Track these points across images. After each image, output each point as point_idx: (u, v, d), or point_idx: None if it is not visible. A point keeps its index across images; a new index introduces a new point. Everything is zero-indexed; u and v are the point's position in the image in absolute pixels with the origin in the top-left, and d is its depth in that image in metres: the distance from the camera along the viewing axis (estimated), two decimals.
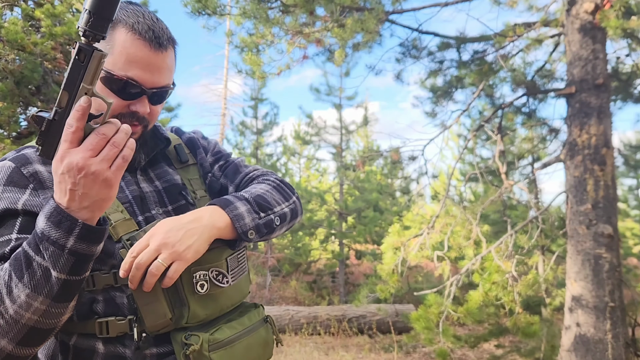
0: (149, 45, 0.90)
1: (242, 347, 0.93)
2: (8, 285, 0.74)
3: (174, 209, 1.01)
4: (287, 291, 9.06)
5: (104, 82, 0.89)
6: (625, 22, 3.39)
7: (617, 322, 3.56)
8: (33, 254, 0.74)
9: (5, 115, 7.10)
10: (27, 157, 0.92)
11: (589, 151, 3.73)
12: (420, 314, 4.05)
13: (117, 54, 0.89)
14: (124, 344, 0.88)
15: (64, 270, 0.74)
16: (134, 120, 0.93)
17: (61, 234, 0.72)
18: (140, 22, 0.90)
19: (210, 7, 3.94)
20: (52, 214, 0.73)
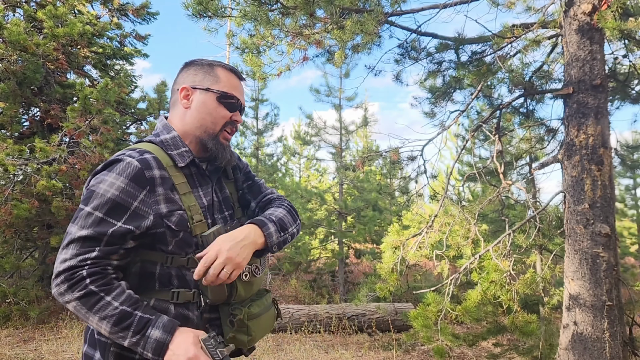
0: (237, 77, 1.42)
1: (264, 319, 1.34)
2: (105, 316, 1.12)
3: (229, 215, 1.40)
4: (287, 290, 9.10)
5: (220, 100, 1.35)
6: (623, 23, 3.42)
7: (615, 320, 3.59)
8: (132, 329, 1.13)
9: (8, 116, 7.14)
10: (148, 162, 1.24)
11: (586, 151, 3.77)
12: (418, 313, 4.08)
13: (224, 82, 1.37)
14: (188, 308, 1.25)
15: (129, 345, 1.14)
16: (233, 127, 1.39)
17: (149, 351, 1.13)
18: (227, 64, 1.41)
19: (211, 9, 3.98)
20: (159, 345, 1.13)
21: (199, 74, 1.37)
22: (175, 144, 1.33)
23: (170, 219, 1.23)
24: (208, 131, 1.35)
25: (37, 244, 7.48)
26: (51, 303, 6.97)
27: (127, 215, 1.18)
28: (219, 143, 1.36)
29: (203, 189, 1.36)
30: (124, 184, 1.18)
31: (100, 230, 1.15)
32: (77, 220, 1.17)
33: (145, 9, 8.76)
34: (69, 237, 1.15)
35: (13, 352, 5.12)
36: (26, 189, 6.26)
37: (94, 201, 1.17)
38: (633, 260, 11.20)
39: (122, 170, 1.20)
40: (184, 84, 1.37)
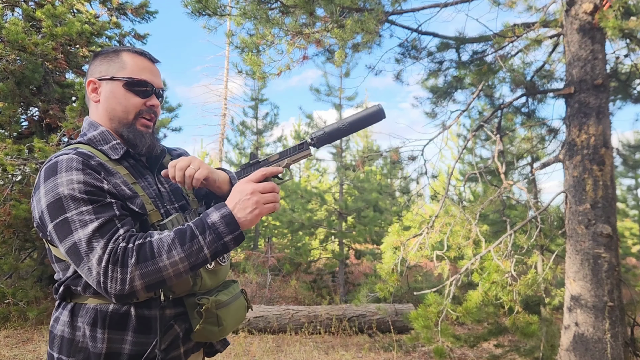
0: (148, 59, 1.32)
1: (234, 308, 1.29)
2: (170, 246, 1.04)
3: (180, 206, 1.33)
4: (287, 290, 9.08)
5: (127, 87, 1.26)
6: (624, 22, 3.40)
7: (616, 321, 3.57)
8: (198, 233, 1.06)
9: (7, 116, 7.11)
10: (86, 153, 1.16)
11: (587, 151, 3.75)
12: (419, 313, 4.06)
13: (130, 66, 1.28)
14: (150, 307, 1.16)
15: (211, 253, 1.07)
16: (150, 113, 1.31)
17: (226, 231, 1.08)
18: (135, 48, 1.31)
19: (210, 7, 3.95)
20: (227, 216, 1.09)
21: (104, 63, 1.28)
22: (105, 139, 1.26)
23: (134, 202, 1.17)
24: (122, 121, 1.27)
25: (36, 245, 7.46)
26: (50, 304, 6.95)
27: (108, 194, 1.11)
28: (136, 131, 1.28)
29: (145, 180, 1.28)
30: (81, 175, 1.10)
31: (106, 213, 1.07)
32: (71, 226, 1.05)
33: (144, 7, 8.74)
34: (83, 240, 1.03)
35: (12, 353, 5.10)
36: (25, 189, 6.24)
37: (69, 202, 1.06)
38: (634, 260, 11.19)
39: (68, 167, 1.10)
40: (91, 76, 1.29)
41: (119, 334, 1.14)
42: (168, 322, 1.18)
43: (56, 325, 1.18)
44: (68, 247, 1.05)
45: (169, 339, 1.18)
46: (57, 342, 1.16)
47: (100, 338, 1.12)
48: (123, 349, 1.14)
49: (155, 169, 1.35)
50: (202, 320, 1.18)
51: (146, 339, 1.15)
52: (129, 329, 1.14)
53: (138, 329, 1.15)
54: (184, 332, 1.21)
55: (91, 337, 1.12)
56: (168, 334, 1.18)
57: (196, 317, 1.19)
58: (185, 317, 1.21)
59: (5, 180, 6.63)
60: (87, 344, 1.13)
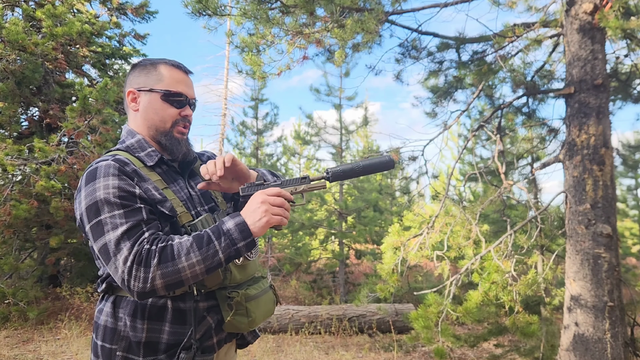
0: (183, 71, 1.42)
1: (263, 301, 1.38)
2: (188, 249, 1.13)
3: (209, 208, 1.43)
4: (288, 290, 9.08)
5: (164, 99, 1.37)
6: (626, 22, 3.40)
7: (616, 321, 3.57)
8: (214, 238, 1.15)
9: (7, 116, 7.11)
10: (123, 160, 1.28)
11: (587, 151, 3.75)
12: (419, 313, 4.06)
13: (167, 79, 1.38)
14: (184, 300, 1.26)
15: (225, 256, 1.15)
16: (185, 122, 1.41)
17: (239, 237, 1.17)
18: (171, 60, 1.42)
19: (210, 7, 3.95)
20: (240, 224, 1.18)
21: (142, 75, 1.39)
22: (141, 146, 1.37)
23: (164, 205, 1.27)
24: (159, 129, 1.38)
25: (36, 245, 7.46)
26: (50, 304, 6.95)
27: (139, 200, 1.22)
28: (173, 138, 1.39)
29: (177, 185, 1.39)
30: (116, 180, 1.21)
31: (135, 217, 1.18)
32: (104, 228, 1.16)
33: (144, 7, 8.74)
34: (113, 242, 1.14)
35: (12, 353, 5.10)
36: (25, 189, 6.24)
37: (104, 206, 1.18)
38: (635, 260, 11.19)
39: (106, 172, 1.22)
40: (130, 87, 1.40)
41: (157, 325, 1.24)
42: (201, 314, 1.28)
43: (100, 315, 1.30)
44: (100, 247, 1.17)
45: (203, 330, 1.28)
46: (101, 330, 1.27)
47: (140, 328, 1.23)
48: (161, 338, 1.24)
49: (186, 174, 1.45)
50: (233, 312, 1.28)
51: (182, 329, 1.26)
52: (166, 320, 1.25)
53: (174, 320, 1.25)
54: (216, 323, 1.31)
55: (132, 327, 1.23)
56: (201, 325, 1.28)
57: (227, 309, 1.29)
58: (217, 309, 1.31)
59: (5, 181, 6.63)
60: (128, 333, 1.23)
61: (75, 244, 7.34)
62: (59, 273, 7.94)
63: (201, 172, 1.32)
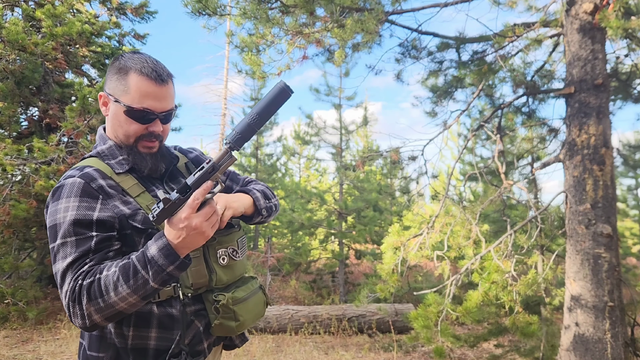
0: (154, 82, 1.25)
1: (251, 303, 1.34)
2: (115, 283, 1.07)
3: None
4: (287, 290, 9.07)
5: (127, 114, 1.25)
6: (626, 22, 3.40)
7: (616, 321, 3.57)
8: (140, 268, 1.08)
9: (6, 115, 7.10)
10: (90, 175, 1.22)
11: (588, 151, 3.74)
12: (419, 313, 4.05)
13: (133, 92, 1.24)
14: (171, 305, 1.23)
15: (158, 283, 1.09)
16: (152, 138, 1.29)
17: (166, 262, 1.08)
18: (145, 66, 1.25)
19: (210, 7, 3.95)
20: (164, 248, 1.08)
21: (114, 79, 1.28)
22: (112, 153, 1.31)
23: (135, 218, 1.22)
24: (123, 142, 1.30)
25: (36, 245, 7.46)
26: (49, 304, 6.94)
27: (94, 226, 1.17)
28: (137, 153, 1.29)
29: (157, 187, 1.33)
30: (77, 202, 1.18)
31: (83, 248, 1.15)
32: (57, 255, 1.15)
33: (144, 7, 8.74)
34: (60, 273, 1.14)
35: (11, 353, 5.10)
36: (24, 189, 6.23)
37: (60, 231, 1.16)
38: (635, 260, 11.18)
39: (69, 192, 1.19)
40: (104, 88, 1.31)
41: (144, 331, 1.21)
42: (189, 318, 1.25)
43: None
44: (54, 273, 1.16)
45: (191, 334, 1.25)
46: (87, 338, 1.26)
47: (126, 335, 1.21)
48: (149, 345, 1.22)
49: (165, 177, 1.38)
50: (220, 316, 1.26)
51: (170, 334, 1.23)
52: (152, 326, 1.22)
53: (161, 326, 1.22)
54: (204, 327, 1.28)
55: (117, 334, 1.21)
56: (190, 329, 1.25)
57: (214, 312, 1.26)
58: (204, 312, 1.28)
59: (4, 180, 6.62)
60: (114, 341, 1.21)
61: None
62: None
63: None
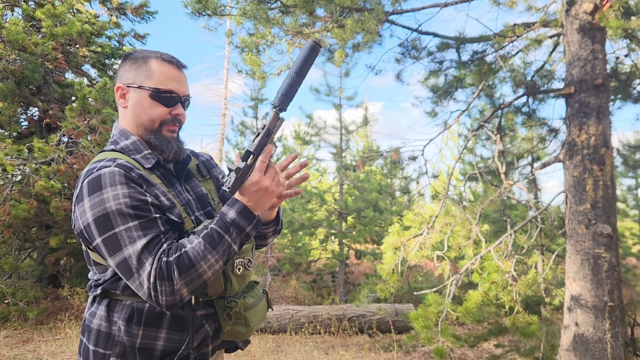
0: (175, 67, 1.33)
1: (259, 309, 1.36)
2: (203, 252, 1.12)
3: (206, 212, 1.38)
4: (287, 290, 9.07)
5: (153, 98, 1.29)
6: (625, 22, 3.40)
7: (616, 321, 3.57)
8: (223, 232, 1.15)
9: (6, 115, 7.11)
10: (126, 165, 1.21)
11: (588, 151, 3.74)
12: (419, 313, 4.06)
13: (157, 75, 1.29)
14: (182, 308, 1.23)
15: (238, 245, 1.19)
16: (175, 122, 1.33)
17: (246, 223, 1.18)
18: (163, 54, 1.33)
19: (210, 7, 3.95)
20: (242, 211, 1.18)
21: (132, 69, 1.31)
22: (137, 148, 1.30)
23: (173, 212, 1.23)
24: (148, 128, 1.31)
25: (36, 245, 7.46)
26: (49, 304, 6.94)
27: (153, 208, 1.18)
28: (162, 137, 1.31)
29: (175, 188, 1.34)
30: (126, 189, 1.15)
31: (153, 229, 1.14)
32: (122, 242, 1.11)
33: (144, 7, 8.74)
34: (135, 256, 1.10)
35: (12, 353, 5.10)
36: (25, 189, 6.24)
37: (117, 218, 1.12)
38: (635, 260, 11.18)
39: (112, 180, 1.15)
40: (120, 82, 1.32)
41: (153, 331, 1.21)
42: (199, 321, 1.26)
43: (92, 319, 1.25)
44: (118, 262, 1.12)
45: (200, 337, 1.26)
46: (94, 335, 1.24)
47: (135, 333, 1.20)
48: (157, 345, 1.22)
49: (182, 177, 1.39)
50: (232, 322, 1.27)
51: (179, 336, 1.23)
52: (163, 326, 1.22)
53: (172, 327, 1.23)
54: (213, 331, 1.29)
55: (126, 332, 1.20)
56: (199, 333, 1.26)
57: (226, 318, 1.27)
58: (215, 317, 1.29)
59: (5, 180, 6.62)
60: (122, 338, 1.20)
61: (74, 244, 7.34)
62: (59, 273, 7.93)
63: None
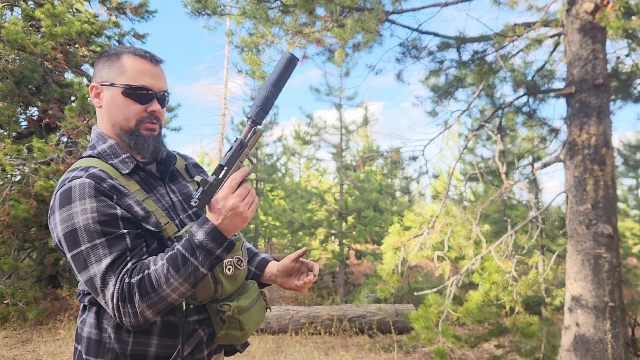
0: (149, 61, 1.27)
1: (254, 311, 1.31)
2: (166, 275, 1.07)
3: (193, 213, 1.33)
4: (287, 291, 9.07)
5: (126, 95, 1.23)
6: (627, 22, 3.39)
7: (617, 321, 3.56)
8: (189, 255, 1.08)
9: (6, 115, 7.10)
10: (98, 175, 1.16)
11: (588, 151, 3.73)
12: (420, 314, 4.05)
13: (129, 71, 1.24)
14: (174, 314, 1.20)
15: (207, 268, 1.11)
16: (152, 119, 1.27)
17: (214, 245, 1.10)
18: (137, 49, 1.27)
19: (210, 7, 3.94)
20: (211, 232, 1.10)
21: (105, 67, 1.26)
22: (115, 152, 1.26)
23: (149, 221, 1.19)
24: (124, 128, 1.26)
25: (35, 245, 7.44)
26: (49, 304, 6.93)
27: (122, 223, 1.13)
28: (139, 136, 1.26)
29: (158, 191, 1.29)
30: (94, 203, 1.11)
31: (118, 246, 1.11)
32: (88, 260, 1.09)
33: (143, 7, 8.73)
34: (99, 276, 1.08)
35: (11, 354, 5.09)
36: (24, 189, 6.23)
37: (84, 235, 1.09)
38: (635, 261, 11.17)
39: (82, 194, 1.12)
40: (94, 81, 1.28)
41: (144, 338, 1.18)
42: (192, 327, 1.22)
43: (83, 327, 1.23)
44: (86, 280, 1.10)
45: (194, 343, 1.22)
46: (85, 343, 1.22)
47: (126, 340, 1.17)
48: (149, 351, 1.19)
49: (166, 177, 1.34)
50: (225, 326, 1.22)
51: (171, 342, 1.20)
52: (154, 333, 1.19)
53: (163, 333, 1.19)
54: (207, 336, 1.25)
55: (117, 340, 1.17)
56: (192, 338, 1.22)
57: (219, 323, 1.22)
58: (208, 322, 1.25)
59: (4, 180, 6.61)
60: (113, 346, 1.18)
61: None
62: (58, 273, 7.92)
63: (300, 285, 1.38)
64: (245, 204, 1.11)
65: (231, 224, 1.11)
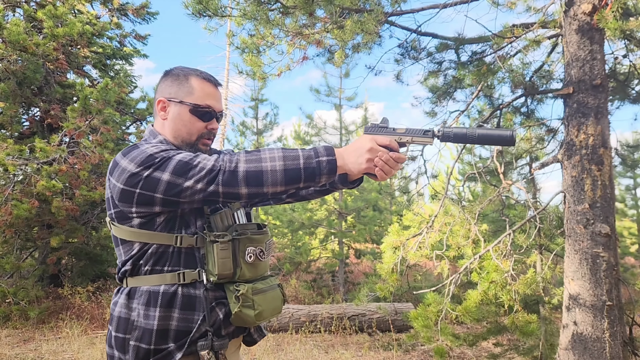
0: (213, 85, 1.47)
1: (270, 296, 1.42)
2: (270, 149, 1.25)
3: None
4: (288, 290, 9.09)
5: (192, 113, 1.41)
6: (625, 23, 3.42)
7: (615, 320, 3.59)
8: (299, 147, 1.28)
9: (8, 116, 7.14)
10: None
11: (586, 151, 3.76)
12: (419, 313, 4.07)
13: (197, 92, 1.42)
14: (195, 287, 1.33)
15: (304, 165, 1.24)
16: (210, 136, 1.46)
17: (323, 152, 1.26)
18: (203, 72, 1.47)
19: (211, 8, 3.97)
20: (330, 148, 1.28)
21: (174, 85, 1.44)
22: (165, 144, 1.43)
23: None
24: (185, 141, 1.43)
25: (37, 244, 7.48)
26: (51, 303, 6.97)
27: None
28: (197, 149, 1.44)
29: None
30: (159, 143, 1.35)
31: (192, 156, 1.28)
32: (166, 156, 1.24)
33: (145, 8, 8.77)
34: (187, 157, 1.24)
35: (13, 352, 5.12)
36: (26, 189, 6.26)
37: (162, 152, 1.26)
38: (633, 260, 11.20)
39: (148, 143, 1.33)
40: (161, 95, 1.44)
41: (168, 311, 1.29)
42: (210, 304, 1.33)
43: (115, 307, 1.36)
44: (173, 166, 1.23)
45: (212, 321, 1.33)
46: (115, 321, 1.34)
47: (152, 315, 1.29)
48: (171, 325, 1.29)
49: None
50: (240, 304, 1.32)
51: (191, 315, 1.31)
52: (175, 306, 1.30)
53: (184, 306, 1.30)
54: (224, 315, 1.35)
55: (144, 316, 1.29)
56: (210, 315, 1.33)
57: (234, 300, 1.33)
58: (225, 300, 1.36)
59: (6, 180, 6.65)
60: (140, 322, 1.29)
61: (76, 244, 7.36)
62: (60, 272, 7.96)
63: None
64: (376, 159, 1.30)
65: (350, 157, 1.29)
